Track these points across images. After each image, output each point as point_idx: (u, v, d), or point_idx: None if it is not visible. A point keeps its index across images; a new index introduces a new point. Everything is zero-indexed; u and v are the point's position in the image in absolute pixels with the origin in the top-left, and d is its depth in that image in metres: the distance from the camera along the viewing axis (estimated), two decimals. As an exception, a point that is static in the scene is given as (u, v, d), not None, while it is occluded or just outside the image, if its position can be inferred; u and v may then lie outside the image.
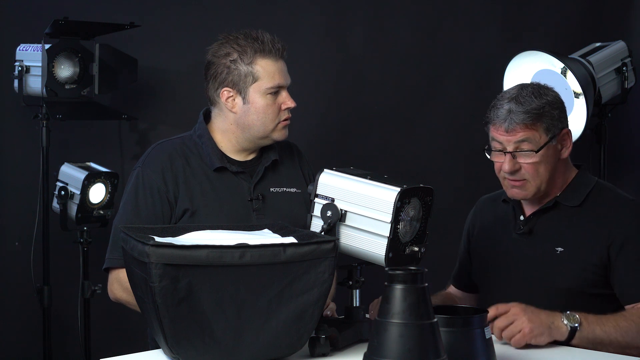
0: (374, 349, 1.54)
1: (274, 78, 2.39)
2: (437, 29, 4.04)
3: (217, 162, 2.41)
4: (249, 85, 2.38)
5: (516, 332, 2.06)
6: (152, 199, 2.37)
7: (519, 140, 2.30)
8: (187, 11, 3.83)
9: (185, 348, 1.82)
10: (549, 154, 2.32)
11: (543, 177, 2.33)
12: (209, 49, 2.43)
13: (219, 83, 2.40)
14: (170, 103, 3.84)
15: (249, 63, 2.37)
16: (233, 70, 2.37)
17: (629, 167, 3.98)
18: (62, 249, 3.53)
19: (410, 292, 1.53)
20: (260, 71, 2.37)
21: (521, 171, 2.32)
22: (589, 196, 2.37)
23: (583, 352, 2.09)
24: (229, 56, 2.38)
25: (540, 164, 2.31)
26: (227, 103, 2.41)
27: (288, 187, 2.48)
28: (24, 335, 3.66)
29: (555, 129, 2.32)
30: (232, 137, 2.45)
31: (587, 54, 3.56)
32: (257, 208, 2.41)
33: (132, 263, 1.88)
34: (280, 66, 2.41)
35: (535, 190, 2.34)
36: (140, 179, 2.40)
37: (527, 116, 2.28)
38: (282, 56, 2.41)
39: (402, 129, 3.99)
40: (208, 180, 2.40)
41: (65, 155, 3.55)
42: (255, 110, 2.39)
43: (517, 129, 2.29)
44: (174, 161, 2.41)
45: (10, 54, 3.46)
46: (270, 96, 2.39)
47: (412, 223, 2.03)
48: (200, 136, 2.46)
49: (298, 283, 1.85)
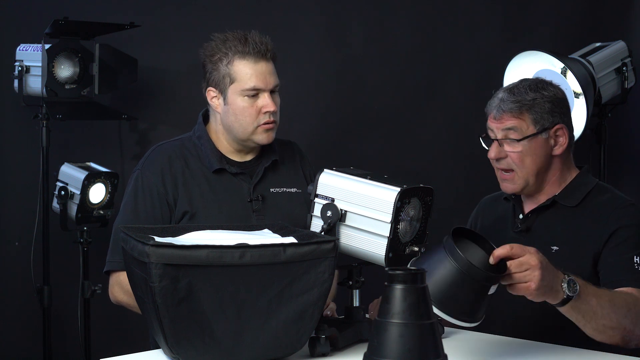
0: (374, 349, 1.54)
1: (250, 80, 2.36)
2: (437, 29, 4.04)
3: (216, 163, 2.42)
4: (228, 86, 2.38)
5: (523, 282, 1.91)
6: (152, 201, 2.38)
7: (506, 128, 2.32)
8: (187, 11, 3.83)
9: (185, 348, 1.82)
10: (537, 147, 2.33)
11: (529, 169, 2.33)
12: (201, 49, 2.45)
13: (206, 83, 2.43)
14: (170, 103, 3.84)
15: (227, 64, 2.37)
16: (214, 70, 2.40)
17: (629, 167, 3.98)
18: (62, 249, 3.53)
19: (410, 292, 1.53)
20: (237, 72, 2.37)
21: (507, 160, 2.34)
22: (587, 197, 2.37)
23: (583, 352, 2.09)
24: (213, 56, 2.40)
25: (526, 155, 2.32)
26: (212, 102, 2.43)
27: (288, 187, 2.48)
28: (24, 335, 3.66)
29: (545, 122, 2.32)
30: (223, 137, 2.46)
31: (587, 54, 3.56)
32: (257, 209, 2.41)
33: (132, 263, 1.88)
34: (260, 68, 2.37)
35: (523, 182, 2.35)
36: (140, 182, 2.41)
37: (515, 105, 2.31)
38: (265, 58, 2.38)
39: (402, 129, 3.99)
40: (207, 182, 2.41)
41: (65, 155, 3.55)
42: (234, 112, 2.39)
43: (505, 117, 2.32)
44: (173, 163, 2.41)
45: (10, 54, 3.46)
46: (247, 98, 2.37)
47: (412, 223, 2.03)
48: (199, 137, 2.47)
49: (298, 283, 1.85)
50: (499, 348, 2.11)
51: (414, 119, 4.01)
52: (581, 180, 2.40)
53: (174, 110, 3.83)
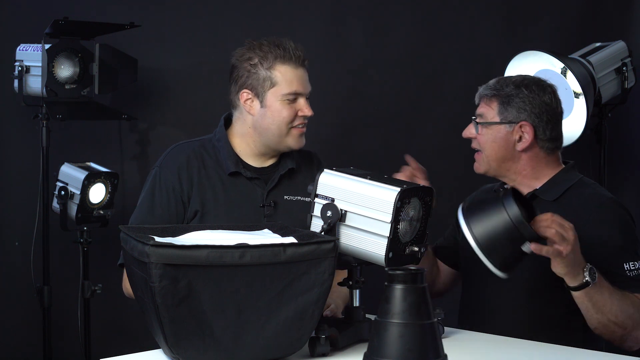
0: (374, 349, 1.54)
1: (292, 84, 2.43)
2: (438, 29, 4.04)
3: (232, 166, 2.47)
4: (267, 89, 2.43)
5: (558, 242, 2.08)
6: (168, 198, 2.44)
7: (477, 115, 2.49)
8: (187, 11, 3.83)
9: (185, 348, 1.82)
10: (499, 137, 2.44)
11: (490, 155, 2.46)
12: (234, 54, 2.50)
13: (239, 86, 2.47)
14: (170, 103, 3.84)
15: (268, 68, 2.42)
16: (253, 74, 2.44)
17: (629, 167, 3.98)
18: (62, 249, 3.54)
19: (410, 292, 1.53)
20: (279, 77, 2.43)
21: (475, 140, 2.49)
22: (568, 192, 2.42)
23: (582, 352, 2.09)
24: (250, 60, 2.44)
25: (487, 141, 2.45)
26: (245, 105, 2.46)
27: (303, 196, 2.49)
28: (24, 335, 3.66)
29: (509, 115, 2.43)
30: (250, 140, 2.50)
31: (587, 54, 3.56)
32: (268, 214, 2.45)
33: (132, 263, 1.88)
34: (300, 74, 2.46)
35: (485, 166, 2.48)
36: (158, 179, 2.48)
37: (490, 92, 2.47)
38: (302, 64, 2.46)
39: (402, 129, 3.99)
40: (222, 184, 2.46)
41: (65, 155, 3.55)
42: (272, 114, 2.44)
43: (482, 101, 2.49)
44: (190, 163, 2.48)
45: (10, 54, 3.46)
46: (287, 102, 2.44)
47: (412, 223, 2.03)
48: (218, 140, 2.52)
49: (298, 283, 1.85)
50: (499, 348, 2.11)
51: (414, 119, 4.01)
52: (564, 176, 2.47)
53: (174, 110, 3.83)
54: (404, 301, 1.52)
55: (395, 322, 1.52)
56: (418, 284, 1.54)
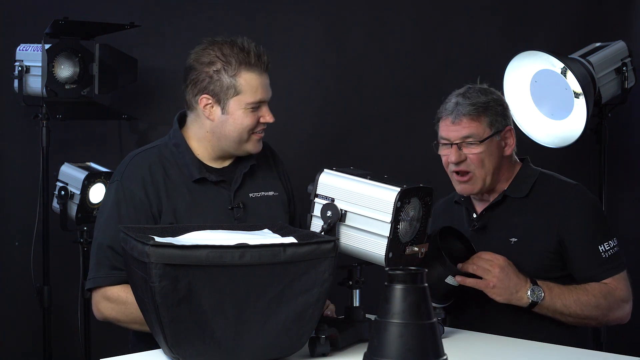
0: (374, 349, 1.54)
1: (257, 93, 2.32)
2: (437, 29, 4.04)
3: (197, 173, 2.35)
4: (230, 97, 2.31)
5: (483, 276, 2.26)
6: (136, 212, 2.29)
7: (465, 136, 2.45)
8: (187, 11, 3.83)
9: (185, 348, 1.82)
10: (493, 148, 2.46)
11: (488, 170, 2.46)
12: (191, 53, 2.37)
13: (198, 90, 2.33)
14: (170, 103, 3.83)
15: (233, 75, 2.30)
16: (215, 80, 2.30)
17: (629, 167, 3.97)
18: (62, 249, 3.53)
19: (410, 292, 1.53)
20: (244, 85, 2.30)
21: (467, 162, 2.46)
22: (534, 186, 2.50)
23: (582, 352, 2.09)
24: (213, 65, 2.30)
25: (485, 157, 2.45)
26: (205, 110, 2.34)
27: (266, 190, 2.44)
28: (24, 335, 3.66)
29: (498, 125, 2.46)
30: (207, 144, 2.38)
31: (587, 54, 3.55)
32: (238, 217, 2.35)
33: (132, 263, 1.88)
34: (264, 81, 2.34)
35: (481, 183, 2.47)
36: (122, 193, 2.31)
37: (473, 108, 2.45)
38: (266, 70, 2.34)
39: (402, 129, 3.99)
40: (189, 192, 2.34)
41: (65, 155, 3.55)
42: (233, 122, 2.32)
43: (463, 120, 2.45)
44: (154, 173, 2.33)
45: (10, 54, 3.46)
46: (250, 110, 2.32)
47: (412, 223, 2.03)
48: (176, 145, 2.39)
49: (298, 283, 1.85)
50: (499, 348, 2.11)
51: (414, 119, 4.00)
52: (526, 172, 2.54)
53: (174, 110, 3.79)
54: (403, 301, 1.52)
55: (395, 322, 1.52)
56: (418, 284, 1.54)
